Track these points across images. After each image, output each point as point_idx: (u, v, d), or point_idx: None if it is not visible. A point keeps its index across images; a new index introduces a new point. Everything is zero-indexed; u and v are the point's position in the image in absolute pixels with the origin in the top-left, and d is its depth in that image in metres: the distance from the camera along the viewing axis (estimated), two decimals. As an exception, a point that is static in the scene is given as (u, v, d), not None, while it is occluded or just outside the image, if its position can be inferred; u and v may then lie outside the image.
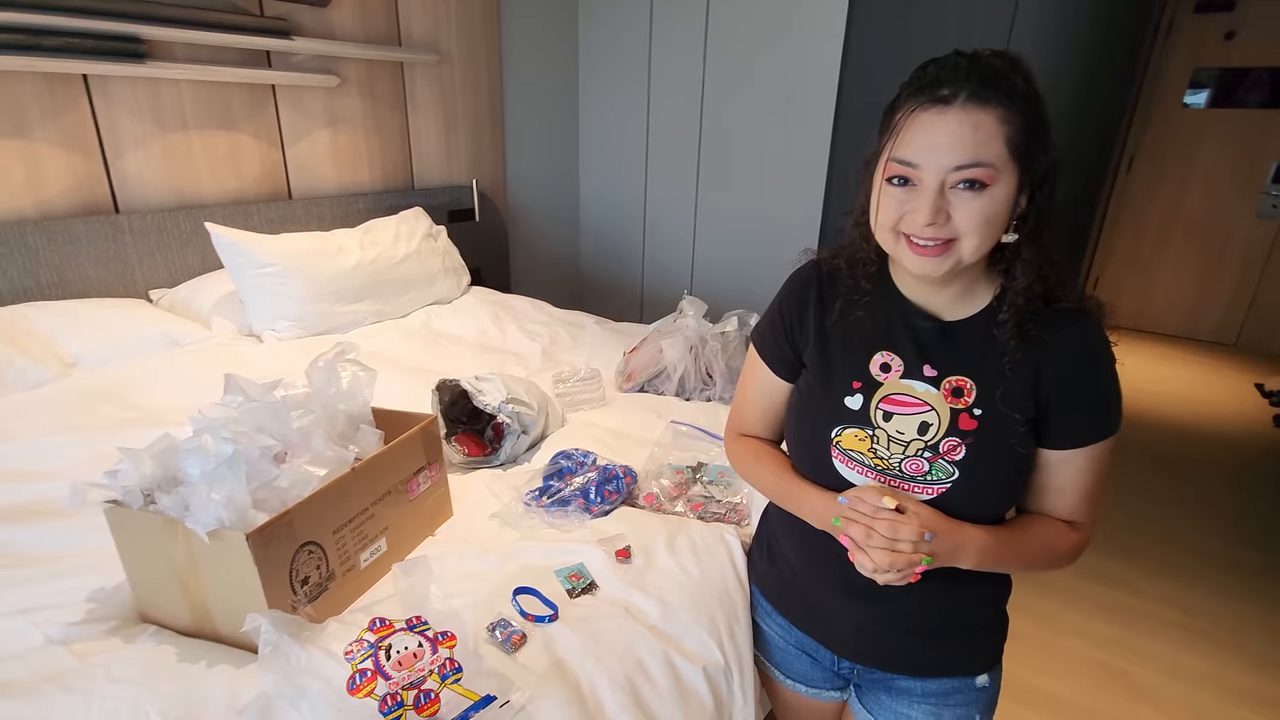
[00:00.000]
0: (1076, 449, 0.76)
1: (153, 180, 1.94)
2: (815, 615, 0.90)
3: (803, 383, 0.87)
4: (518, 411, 1.27)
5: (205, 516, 0.79)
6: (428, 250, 2.30)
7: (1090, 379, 0.74)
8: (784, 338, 0.88)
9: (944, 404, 0.76)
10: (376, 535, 0.97)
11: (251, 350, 1.80)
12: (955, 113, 0.67)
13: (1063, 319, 0.74)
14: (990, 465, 0.75)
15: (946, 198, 0.69)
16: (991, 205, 0.69)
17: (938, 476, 0.76)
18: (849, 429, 0.80)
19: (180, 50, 1.92)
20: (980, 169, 0.67)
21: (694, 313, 1.62)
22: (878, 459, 0.78)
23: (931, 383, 0.77)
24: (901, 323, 0.80)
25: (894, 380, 0.79)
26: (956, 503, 0.76)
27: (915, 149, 0.69)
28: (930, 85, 0.69)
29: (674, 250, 3.27)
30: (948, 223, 0.69)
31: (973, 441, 0.75)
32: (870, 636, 0.86)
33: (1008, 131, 0.67)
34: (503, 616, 0.87)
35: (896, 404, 0.78)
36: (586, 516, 1.11)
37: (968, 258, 0.71)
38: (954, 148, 0.67)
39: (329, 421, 0.98)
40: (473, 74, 2.78)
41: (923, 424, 0.77)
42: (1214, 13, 4.04)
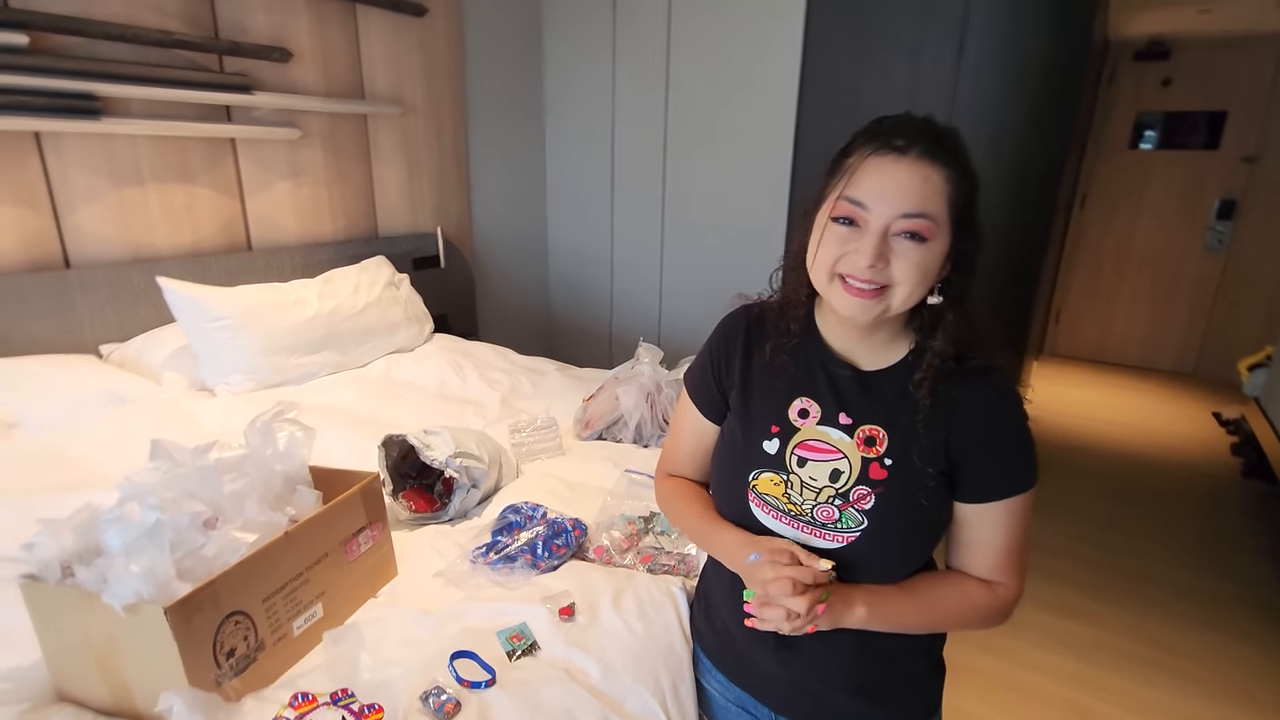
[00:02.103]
0: (990, 503, 0.76)
1: (105, 235, 1.92)
2: (750, 671, 0.89)
3: (727, 425, 0.88)
4: (466, 465, 1.26)
5: (122, 590, 0.76)
6: (389, 299, 2.29)
7: (1000, 432, 0.76)
8: (712, 380, 0.89)
9: (856, 452, 0.78)
10: (311, 600, 0.94)
11: (202, 405, 1.76)
12: (909, 163, 0.70)
13: (974, 375, 0.76)
14: (897, 516, 0.76)
15: (889, 244, 0.71)
16: (928, 258, 0.71)
17: (847, 524, 0.77)
18: (765, 473, 0.81)
19: (137, 106, 1.93)
20: (924, 220, 0.70)
21: (650, 359, 1.63)
22: (791, 504, 0.79)
23: (846, 430, 0.78)
24: (822, 370, 0.82)
25: (810, 426, 0.80)
26: (864, 552, 0.77)
27: (866, 191, 0.71)
28: (886, 134, 0.72)
29: (641, 295, 3.30)
30: (886, 268, 0.71)
31: (882, 491, 0.76)
32: (803, 691, 0.85)
33: (951, 192, 0.71)
34: (438, 684, 0.84)
35: (811, 450, 0.79)
36: (533, 573, 1.09)
37: (896, 307, 0.73)
38: (903, 195, 0.70)
39: (264, 484, 0.96)
40: (437, 125, 2.82)
41: (834, 471, 0.78)
42: (1151, 61, 4.26)
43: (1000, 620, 0.80)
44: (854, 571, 0.78)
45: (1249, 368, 3.06)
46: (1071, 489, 2.98)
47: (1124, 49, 4.32)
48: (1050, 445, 3.44)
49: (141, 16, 1.90)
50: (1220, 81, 4.13)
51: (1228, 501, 2.92)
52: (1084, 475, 3.12)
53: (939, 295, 0.75)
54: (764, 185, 2.81)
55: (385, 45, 2.56)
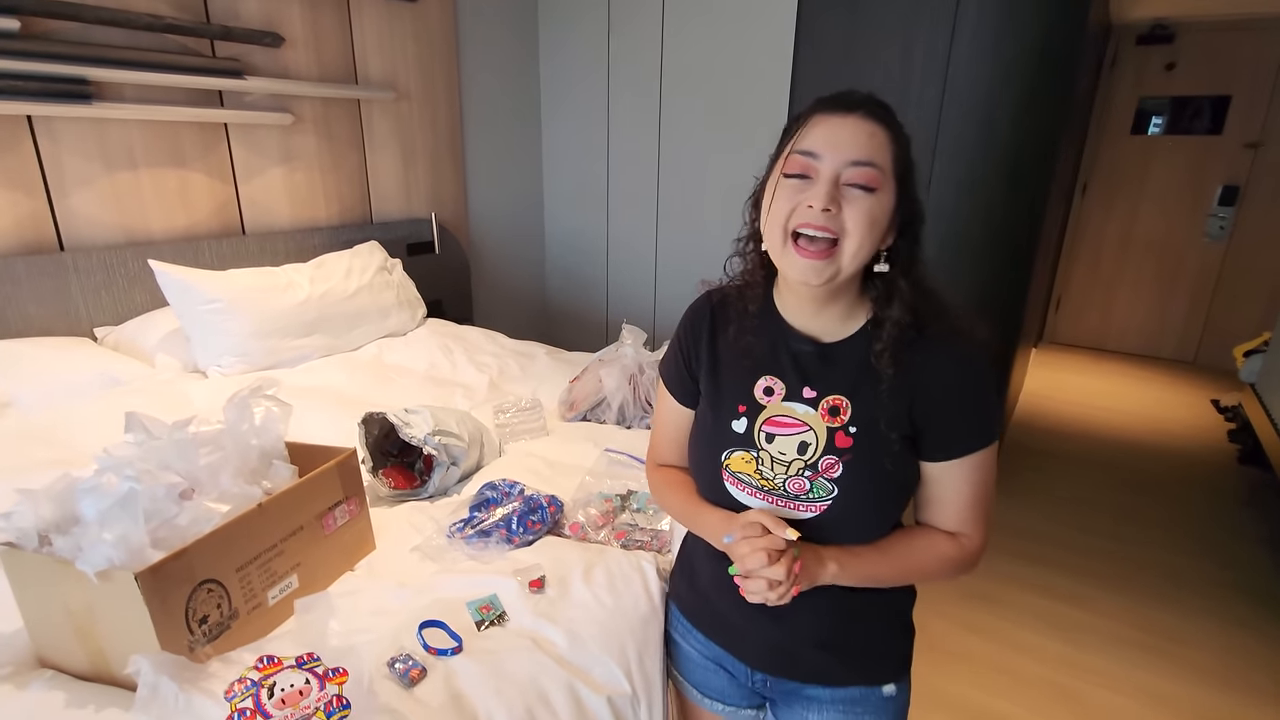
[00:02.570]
0: (953, 460, 0.79)
1: (99, 218, 1.94)
2: (727, 629, 0.92)
3: (700, 407, 0.91)
4: (445, 443, 1.27)
5: (96, 556, 0.78)
6: (381, 284, 2.31)
7: (961, 393, 0.78)
8: (683, 366, 0.92)
9: (821, 423, 0.80)
10: (287, 571, 0.97)
11: (194, 387, 1.79)
12: (856, 118, 0.74)
13: (935, 342, 0.78)
14: (866, 481, 0.78)
15: (840, 191, 0.74)
16: (876, 209, 0.74)
17: (818, 494, 0.79)
18: (736, 451, 0.83)
19: (129, 91, 1.94)
20: (872, 169, 0.73)
21: (633, 341, 1.64)
22: (763, 479, 0.81)
23: (810, 404, 0.81)
24: (785, 347, 0.84)
25: (776, 403, 0.82)
26: (837, 519, 0.79)
27: (817, 141, 0.75)
28: (831, 98, 0.77)
29: (638, 278, 3.31)
30: (838, 214, 0.73)
31: (850, 459, 0.78)
32: (779, 650, 0.88)
33: (894, 149, 0.75)
34: (405, 651, 0.86)
35: (778, 425, 0.81)
36: (507, 547, 1.11)
37: (846, 265, 0.75)
38: (853, 143, 0.73)
39: (240, 457, 0.98)
40: (432, 110, 2.82)
41: (802, 444, 0.80)
42: (1155, 45, 4.21)
43: (966, 570, 0.83)
44: (830, 537, 0.81)
45: (1245, 354, 3.04)
46: (1069, 476, 2.98)
47: (1127, 33, 4.27)
48: (1048, 432, 3.43)
49: (133, 1, 1.91)
50: (1224, 65, 4.08)
51: (1224, 488, 2.92)
52: (1082, 462, 3.12)
53: (887, 263, 0.77)
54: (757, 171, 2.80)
55: (378, 30, 2.56)
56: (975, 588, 1.11)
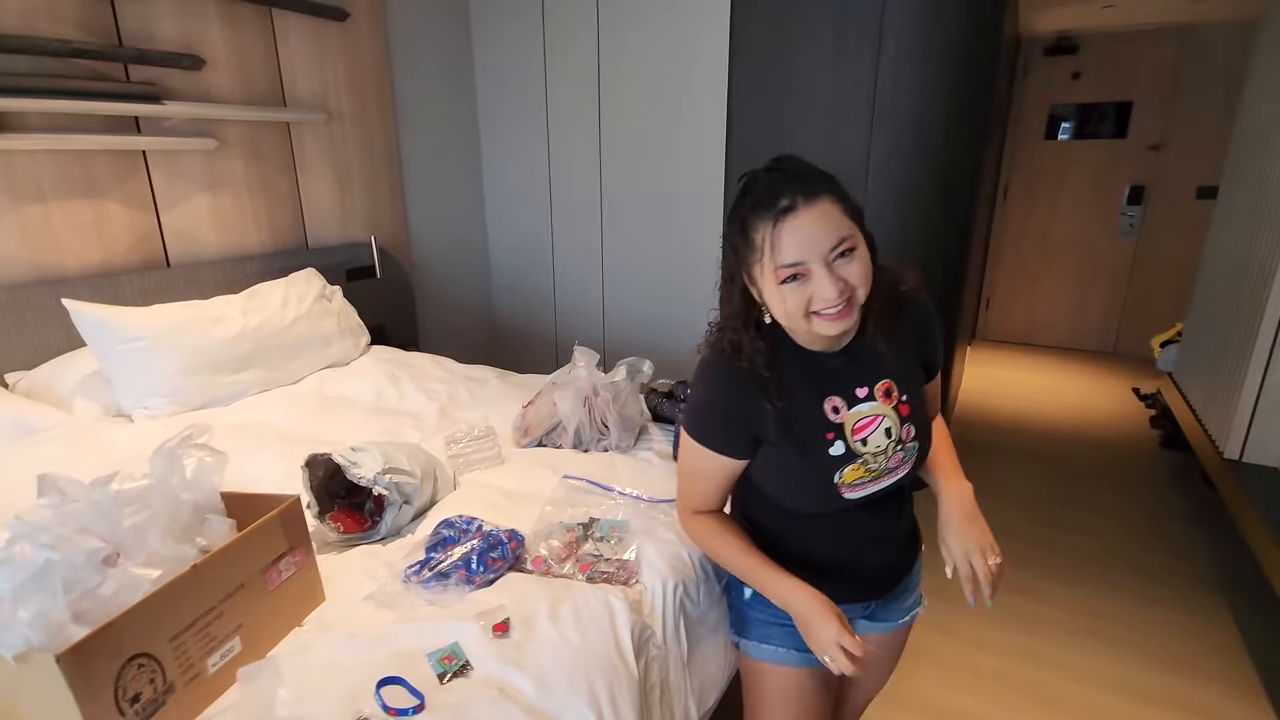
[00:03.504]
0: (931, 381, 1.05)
1: (6, 255, 1.81)
2: (842, 584, 0.99)
3: (775, 455, 0.94)
4: (397, 481, 1.22)
5: (11, 638, 0.71)
6: (320, 312, 2.22)
7: (932, 331, 1.02)
8: (739, 430, 0.94)
9: (887, 408, 0.95)
10: (228, 635, 0.90)
11: (118, 432, 1.67)
12: (804, 212, 0.83)
13: (904, 301, 0.98)
14: (925, 423, 1.00)
15: (833, 270, 0.84)
16: (864, 258, 0.86)
17: (909, 456, 0.97)
18: (845, 467, 0.93)
19: (35, 120, 1.82)
20: (847, 240, 0.84)
21: (585, 363, 1.62)
22: (871, 472, 0.95)
23: (869, 399, 0.94)
24: (819, 369, 0.95)
25: (847, 414, 0.94)
26: (919, 462, 1.00)
27: (794, 251, 0.83)
28: (768, 200, 0.84)
29: (584, 297, 3.28)
30: (845, 286, 0.85)
31: (911, 418, 0.97)
32: (890, 567, 1.07)
33: (842, 206, 0.85)
34: (362, 715, 0.82)
35: (863, 429, 0.94)
36: (468, 588, 1.07)
37: (861, 302, 0.88)
38: (824, 234, 0.83)
39: (170, 515, 0.91)
40: (366, 130, 2.75)
41: (887, 429, 0.95)
42: (1061, 55, 4.46)
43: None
44: (913, 474, 1.01)
45: (1161, 344, 3.23)
46: (1008, 470, 3.10)
47: (1035, 44, 4.52)
48: (986, 427, 3.56)
49: (37, 25, 1.79)
50: (1126, 73, 4.35)
51: (1151, 473, 3.08)
52: (1019, 455, 3.25)
53: None
54: (698, 184, 2.83)
55: (305, 50, 2.48)
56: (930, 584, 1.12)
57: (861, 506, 0.97)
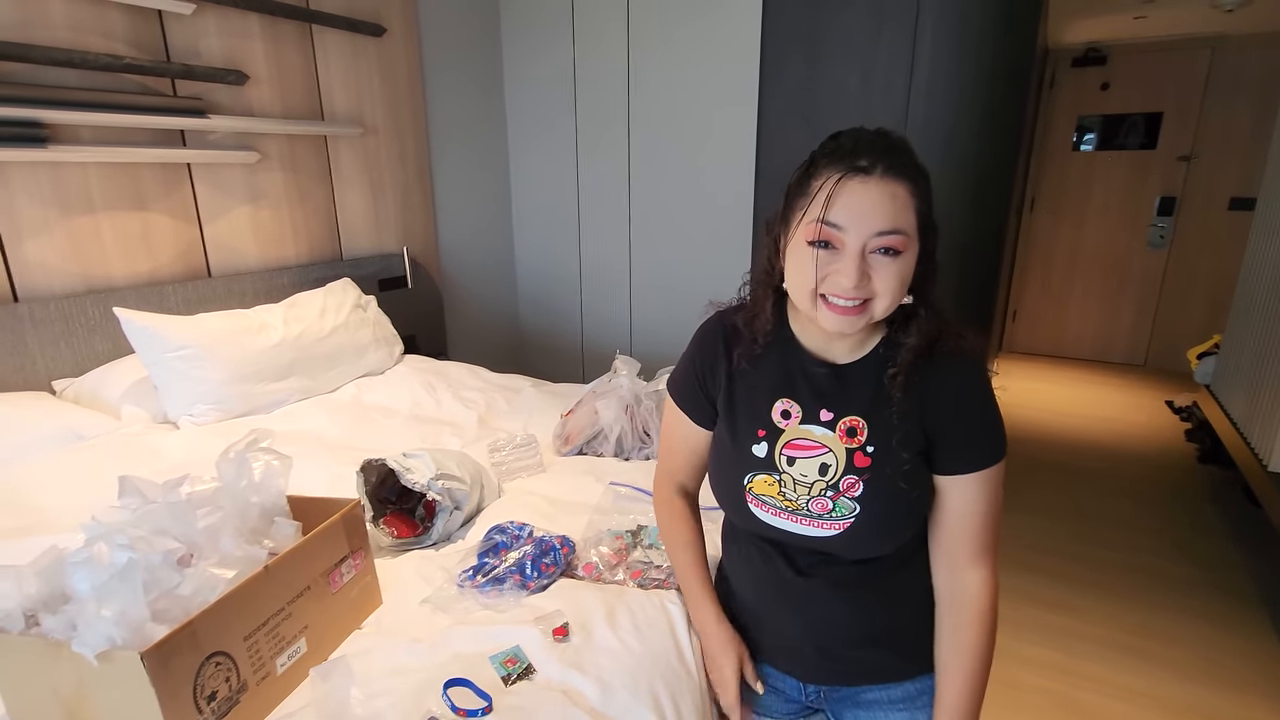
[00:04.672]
0: (966, 475, 0.81)
1: (56, 266, 1.85)
2: (773, 645, 0.93)
3: (717, 430, 0.91)
4: (449, 487, 1.23)
5: (94, 636, 0.72)
6: (356, 321, 2.25)
7: (970, 409, 0.81)
8: (699, 388, 0.92)
9: (840, 444, 0.82)
10: (295, 636, 0.91)
11: (165, 439, 1.70)
12: (876, 182, 0.73)
13: (943, 359, 0.80)
14: (886, 497, 0.81)
15: (867, 261, 0.74)
16: (904, 269, 0.76)
17: (841, 513, 0.82)
18: (759, 475, 0.85)
19: (86, 133, 1.86)
20: (898, 236, 0.74)
21: (627, 372, 1.62)
22: (786, 500, 0.83)
23: (828, 425, 0.83)
24: (800, 371, 0.85)
25: (794, 426, 0.84)
26: (860, 535, 0.82)
27: (841, 213, 0.74)
28: (848, 155, 0.74)
29: (611, 308, 3.30)
30: (867, 283, 0.75)
31: (869, 477, 0.81)
32: (833, 658, 0.90)
33: (916, 204, 0.75)
34: (432, 715, 0.82)
35: (798, 448, 0.83)
36: (523, 593, 1.07)
37: (878, 315, 0.78)
38: (877, 215, 0.73)
39: (240, 517, 0.93)
40: (399, 144, 2.79)
41: (823, 465, 0.82)
42: (1090, 66, 4.45)
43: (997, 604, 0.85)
44: (851, 553, 0.84)
45: (1198, 356, 3.18)
46: (1039, 483, 3.06)
47: (1063, 56, 4.51)
48: (1014, 440, 3.52)
49: (89, 41, 1.84)
50: (1156, 83, 4.33)
51: (1188, 487, 3.02)
52: (1050, 469, 3.21)
53: (909, 295, 0.79)
54: (728, 195, 2.84)
55: (343, 66, 2.53)
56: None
57: (786, 554, 0.87)
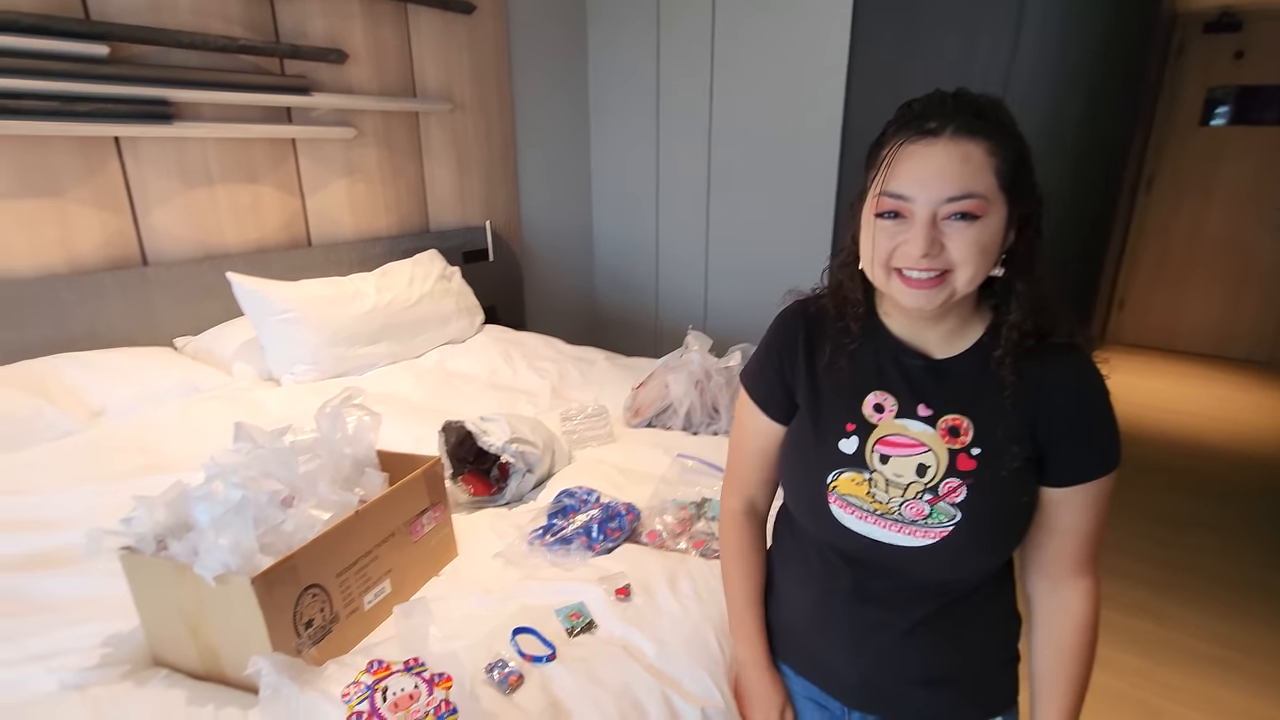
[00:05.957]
0: (1078, 485, 0.74)
1: (179, 233, 2.02)
2: (819, 664, 0.88)
3: (795, 425, 0.85)
4: (522, 450, 1.29)
5: (212, 562, 0.81)
6: (441, 291, 2.36)
7: (1087, 413, 0.73)
8: (775, 378, 0.86)
9: (941, 444, 0.75)
10: (380, 577, 0.99)
11: (269, 394, 1.85)
12: (944, 144, 0.67)
13: (1056, 353, 0.73)
14: (992, 506, 0.74)
15: (939, 229, 0.68)
16: (984, 235, 0.68)
17: (939, 520, 0.74)
18: (845, 473, 0.78)
19: (206, 110, 2.02)
20: (972, 200, 0.67)
21: (699, 347, 1.64)
22: (876, 503, 0.77)
23: (927, 422, 0.76)
24: (892, 361, 0.78)
25: (888, 421, 0.77)
26: (959, 546, 0.74)
27: (905, 181, 0.69)
28: (916, 119, 0.69)
29: (687, 284, 3.30)
30: (941, 254, 0.69)
31: (973, 482, 0.73)
32: (880, 690, 0.84)
33: (996, 163, 0.68)
34: (500, 657, 0.88)
35: (892, 445, 0.76)
36: (589, 554, 1.12)
37: (962, 289, 0.70)
38: (944, 179, 0.67)
39: (335, 466, 1.01)
40: (485, 121, 2.87)
41: (920, 465, 0.75)
42: (1222, 33, 4.04)
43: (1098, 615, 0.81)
44: (949, 566, 0.76)
45: (1331, 355, 2.88)
46: (1139, 483, 2.87)
47: (1193, 21, 4.10)
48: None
49: (209, 24, 1.99)
50: (1299, 52, 3.89)
51: (1306, 495, 2.77)
52: (1151, 468, 3.01)
53: (1002, 267, 0.73)
54: (811, 173, 2.78)
55: (435, 43, 2.62)
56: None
57: (856, 576, 0.80)
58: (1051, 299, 0.74)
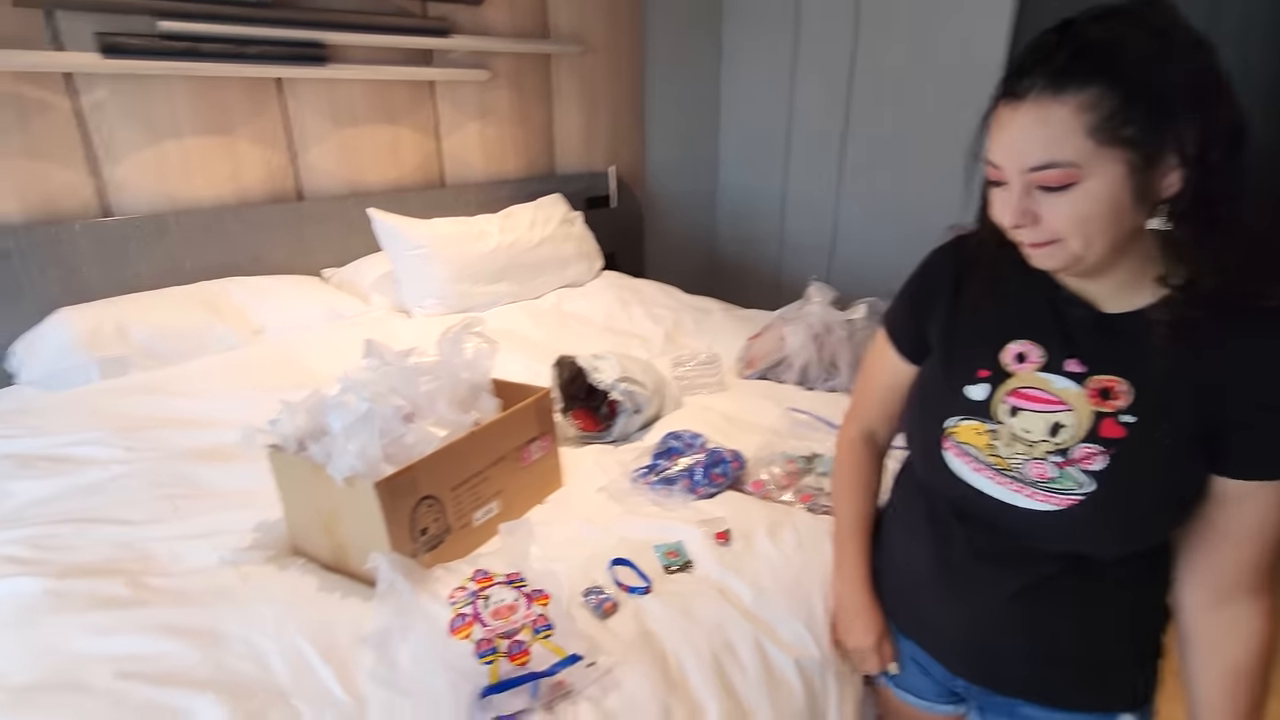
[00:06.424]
0: (1270, 482, 0.63)
1: (329, 171, 2.18)
2: (925, 625, 0.84)
3: (925, 366, 0.81)
4: (631, 390, 1.30)
5: (342, 465, 0.88)
6: (563, 235, 2.39)
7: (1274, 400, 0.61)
8: (910, 315, 0.83)
9: (1086, 405, 0.67)
10: (490, 497, 1.03)
11: (400, 324, 1.98)
12: (1026, 109, 0.60)
13: (1255, 321, 0.62)
14: (1137, 483, 0.65)
15: (1034, 197, 0.62)
16: (1084, 204, 0.60)
17: (1066, 486, 0.67)
18: (967, 420, 0.73)
19: (355, 52, 2.13)
20: (1054, 170, 0.59)
21: (821, 300, 1.56)
22: (996, 456, 0.71)
23: (1074, 379, 0.68)
24: (1049, 309, 0.71)
25: (1028, 372, 0.70)
26: (1087, 521, 0.67)
27: (995, 149, 0.64)
28: (1011, 76, 0.62)
29: (812, 237, 3.15)
30: (1037, 224, 0.63)
31: (1117, 453, 0.65)
32: (992, 660, 0.78)
33: (1092, 120, 0.57)
34: (598, 584, 0.90)
35: (1027, 399, 0.70)
36: (690, 497, 1.11)
37: (1083, 256, 0.63)
38: (1024, 148, 0.61)
39: (453, 388, 1.06)
40: (615, 64, 2.84)
41: (1055, 425, 0.68)
42: None
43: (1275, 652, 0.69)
44: (1073, 539, 0.69)
45: None
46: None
47: None
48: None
49: (359, -31, 2.08)
50: None
51: None
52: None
53: (1170, 220, 0.62)
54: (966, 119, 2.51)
55: (569, -16, 2.60)
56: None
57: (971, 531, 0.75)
58: (1260, 255, 0.62)
